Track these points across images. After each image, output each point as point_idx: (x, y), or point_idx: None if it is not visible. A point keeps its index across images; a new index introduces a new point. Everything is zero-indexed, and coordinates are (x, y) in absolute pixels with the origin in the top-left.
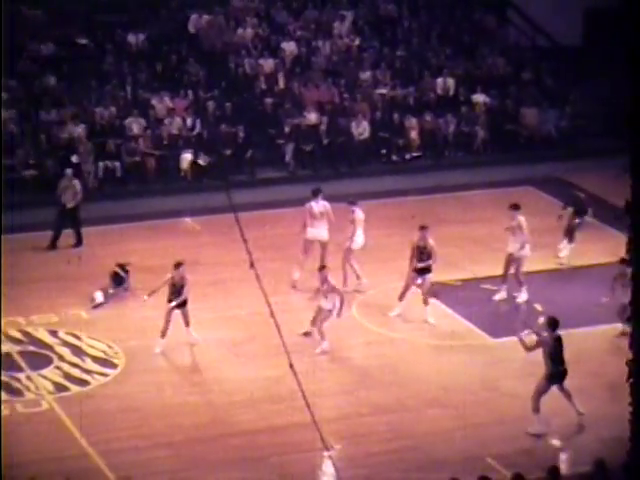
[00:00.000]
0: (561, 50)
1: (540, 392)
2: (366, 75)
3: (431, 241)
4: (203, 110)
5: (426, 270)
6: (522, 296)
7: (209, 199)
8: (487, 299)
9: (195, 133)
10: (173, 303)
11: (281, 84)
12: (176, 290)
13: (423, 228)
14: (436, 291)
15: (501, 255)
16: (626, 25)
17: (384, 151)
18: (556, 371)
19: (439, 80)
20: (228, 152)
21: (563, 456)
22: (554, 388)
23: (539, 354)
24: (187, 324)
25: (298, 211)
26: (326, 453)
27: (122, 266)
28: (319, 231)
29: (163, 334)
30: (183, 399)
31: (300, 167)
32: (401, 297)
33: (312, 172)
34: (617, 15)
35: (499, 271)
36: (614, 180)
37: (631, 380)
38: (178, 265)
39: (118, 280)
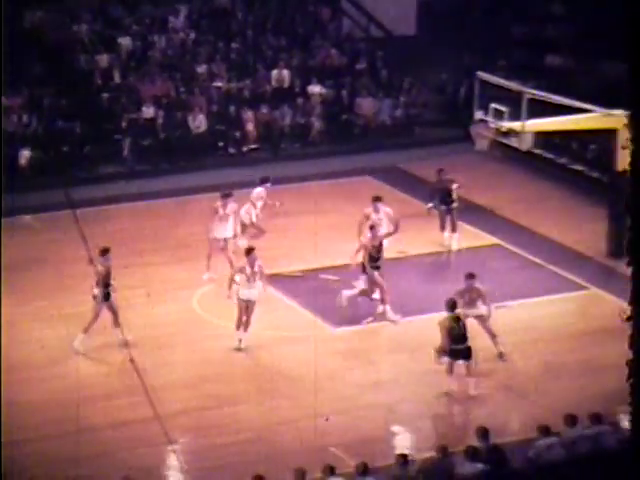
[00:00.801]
0: (395, 40)
1: (449, 370)
2: (202, 68)
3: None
4: (39, 107)
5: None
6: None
7: (49, 196)
8: (328, 289)
9: (31, 130)
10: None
11: (117, 79)
12: (107, 278)
13: (372, 228)
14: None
15: (340, 246)
16: (458, 15)
17: (221, 144)
18: (454, 349)
19: (274, 72)
20: (65, 148)
21: (407, 442)
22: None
23: (374, 343)
24: (117, 323)
25: (136, 206)
26: (171, 447)
27: None
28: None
29: (87, 329)
30: (29, 397)
31: (138, 162)
32: (368, 294)
33: (150, 167)
34: (450, 4)
35: (339, 261)
36: (451, 167)
37: (631, 380)
38: (105, 251)
39: None
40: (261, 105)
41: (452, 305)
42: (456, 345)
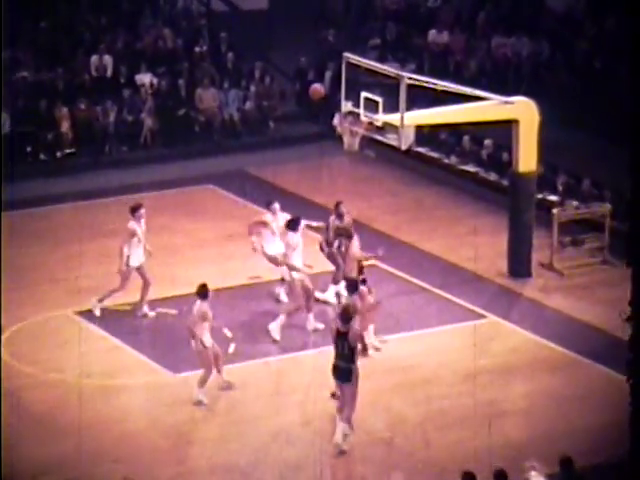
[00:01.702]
0: (243, 16)
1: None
2: (3, 54)
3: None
4: None
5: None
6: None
7: None
8: (165, 326)
9: None
10: None
11: None
12: None
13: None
14: None
15: (180, 272)
16: None
17: (29, 149)
18: (334, 365)
19: (94, 58)
20: None
21: None
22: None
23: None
24: None
25: None
26: None
27: None
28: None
29: None
30: None
31: None
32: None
33: None
34: None
35: (182, 291)
36: (314, 171)
37: (631, 380)
38: None
39: None
40: (78, 99)
41: (346, 318)
42: (337, 361)
